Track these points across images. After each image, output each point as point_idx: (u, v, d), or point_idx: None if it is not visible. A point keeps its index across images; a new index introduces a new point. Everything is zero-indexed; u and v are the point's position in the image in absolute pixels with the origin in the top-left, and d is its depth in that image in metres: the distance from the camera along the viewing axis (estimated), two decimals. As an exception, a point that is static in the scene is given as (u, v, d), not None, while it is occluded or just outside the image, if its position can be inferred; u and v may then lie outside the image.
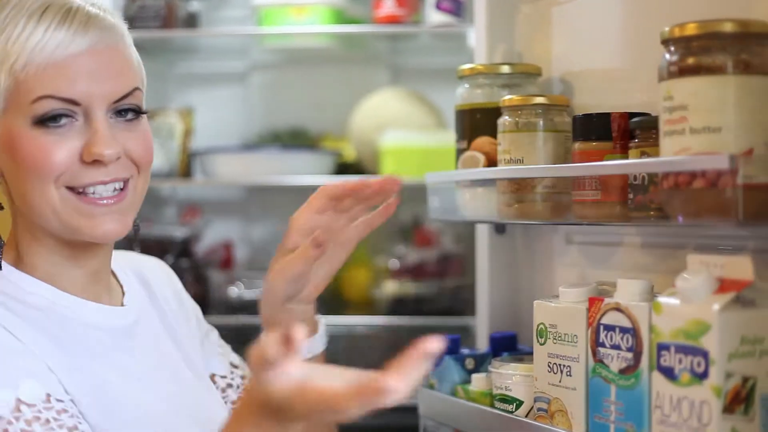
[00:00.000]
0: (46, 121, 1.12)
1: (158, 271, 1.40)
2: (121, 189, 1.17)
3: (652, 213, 1.18)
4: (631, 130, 1.24)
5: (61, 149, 1.13)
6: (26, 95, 1.12)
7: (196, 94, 3.14)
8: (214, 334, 1.43)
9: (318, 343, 1.32)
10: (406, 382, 0.82)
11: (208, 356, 1.38)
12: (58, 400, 1.09)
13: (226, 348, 1.43)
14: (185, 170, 2.91)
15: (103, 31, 1.14)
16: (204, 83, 3.14)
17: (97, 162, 1.14)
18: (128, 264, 1.35)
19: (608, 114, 1.27)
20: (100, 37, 1.14)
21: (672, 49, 1.09)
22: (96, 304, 1.21)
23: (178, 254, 2.86)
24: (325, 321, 1.36)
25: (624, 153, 1.24)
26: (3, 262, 1.18)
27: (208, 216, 3.05)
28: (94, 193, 1.15)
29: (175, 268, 1.48)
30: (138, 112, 1.18)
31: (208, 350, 1.39)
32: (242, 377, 1.39)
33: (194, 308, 1.41)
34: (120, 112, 1.17)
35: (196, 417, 1.24)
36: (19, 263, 1.19)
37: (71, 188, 1.14)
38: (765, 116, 1.06)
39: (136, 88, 1.18)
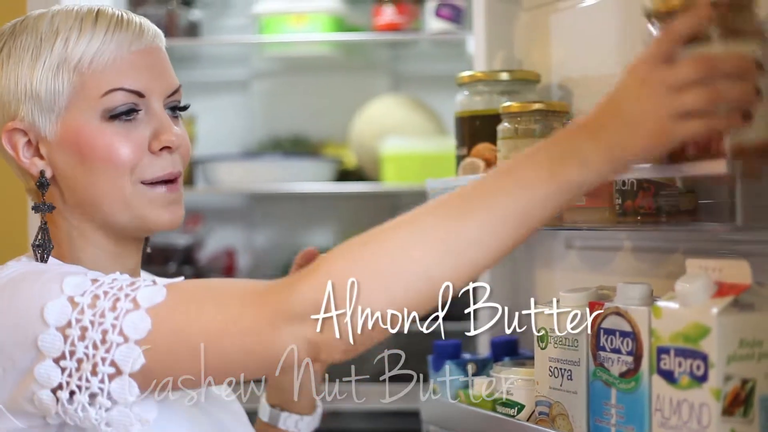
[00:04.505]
0: (119, 115, 1.17)
1: None
2: (173, 181, 1.22)
3: (639, 218, 1.19)
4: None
5: (131, 141, 1.18)
6: (94, 90, 1.17)
7: (197, 102, 3.12)
8: None
9: (308, 426, 1.38)
10: None
11: None
12: (102, 279, 1.10)
13: None
14: (187, 178, 2.90)
15: (153, 33, 1.22)
16: (205, 91, 3.14)
17: (165, 149, 1.19)
18: (148, 276, 1.38)
19: (607, 120, 1.27)
20: (153, 38, 1.22)
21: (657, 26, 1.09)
22: None
23: (180, 262, 2.87)
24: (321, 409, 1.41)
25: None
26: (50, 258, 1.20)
27: (211, 223, 3.05)
28: (162, 183, 1.20)
29: (178, 275, 1.50)
30: (182, 108, 1.25)
31: None
32: None
33: None
34: (169, 108, 1.23)
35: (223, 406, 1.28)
36: (63, 260, 1.21)
37: (142, 182, 1.19)
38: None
39: (180, 85, 1.25)
